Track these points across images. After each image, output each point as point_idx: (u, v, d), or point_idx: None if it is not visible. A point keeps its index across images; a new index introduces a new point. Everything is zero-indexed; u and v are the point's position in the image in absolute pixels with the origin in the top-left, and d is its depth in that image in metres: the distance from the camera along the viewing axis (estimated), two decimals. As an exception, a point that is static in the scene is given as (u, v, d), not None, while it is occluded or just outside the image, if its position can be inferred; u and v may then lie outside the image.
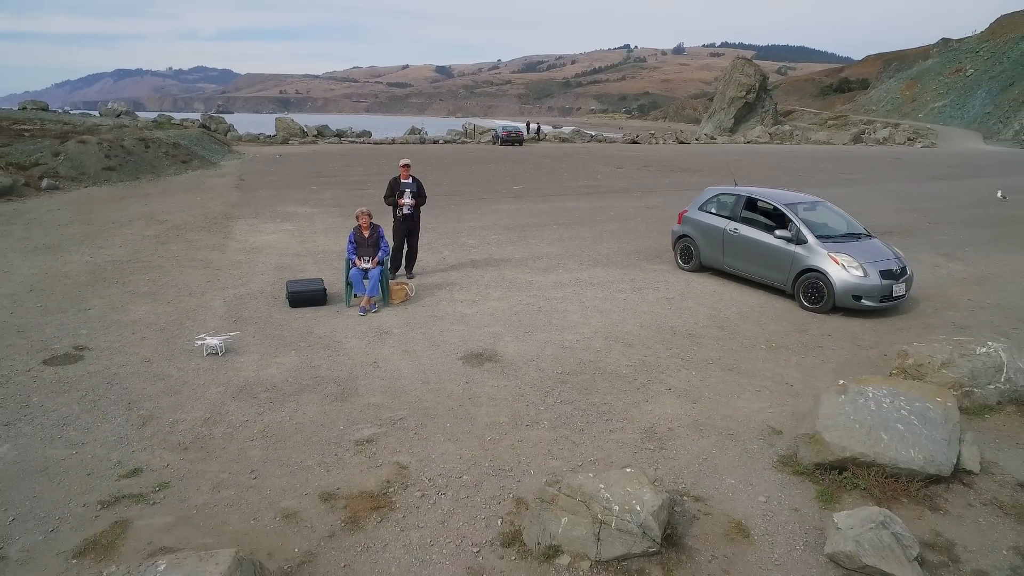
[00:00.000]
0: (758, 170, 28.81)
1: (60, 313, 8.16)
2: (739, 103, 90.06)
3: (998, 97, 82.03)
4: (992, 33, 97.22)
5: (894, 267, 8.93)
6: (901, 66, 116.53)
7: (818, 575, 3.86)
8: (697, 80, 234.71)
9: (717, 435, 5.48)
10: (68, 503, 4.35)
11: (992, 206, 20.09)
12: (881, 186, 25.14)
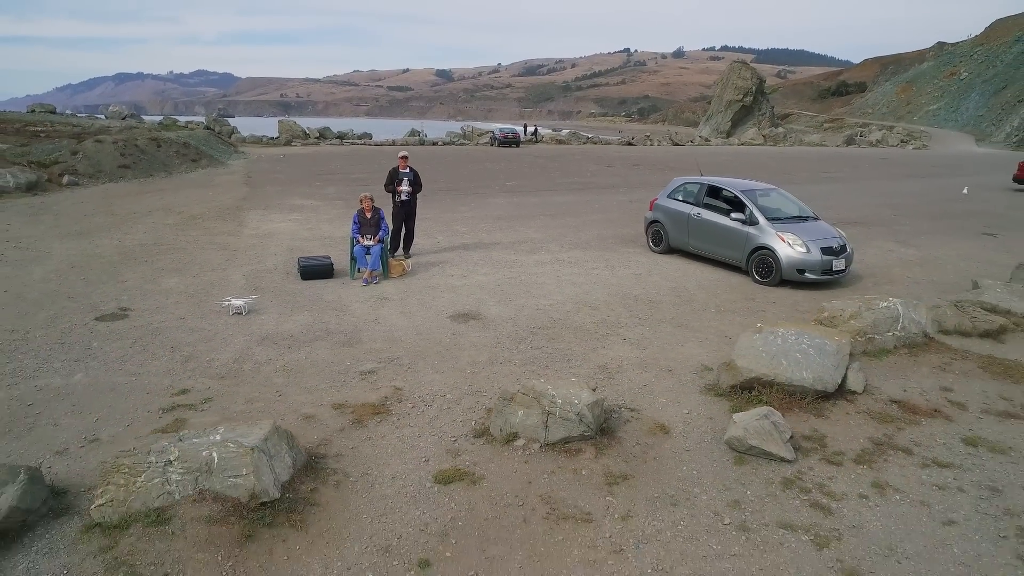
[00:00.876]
0: (746, 169, 30.01)
1: (101, 284, 9.38)
2: (736, 106, 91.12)
3: (991, 100, 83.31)
4: (986, 37, 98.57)
5: (834, 245, 10.14)
6: (897, 69, 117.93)
7: (717, 457, 5.06)
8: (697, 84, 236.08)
9: (658, 370, 6.69)
10: (136, 410, 5.56)
11: (957, 201, 21.31)
12: (860, 184, 26.37)
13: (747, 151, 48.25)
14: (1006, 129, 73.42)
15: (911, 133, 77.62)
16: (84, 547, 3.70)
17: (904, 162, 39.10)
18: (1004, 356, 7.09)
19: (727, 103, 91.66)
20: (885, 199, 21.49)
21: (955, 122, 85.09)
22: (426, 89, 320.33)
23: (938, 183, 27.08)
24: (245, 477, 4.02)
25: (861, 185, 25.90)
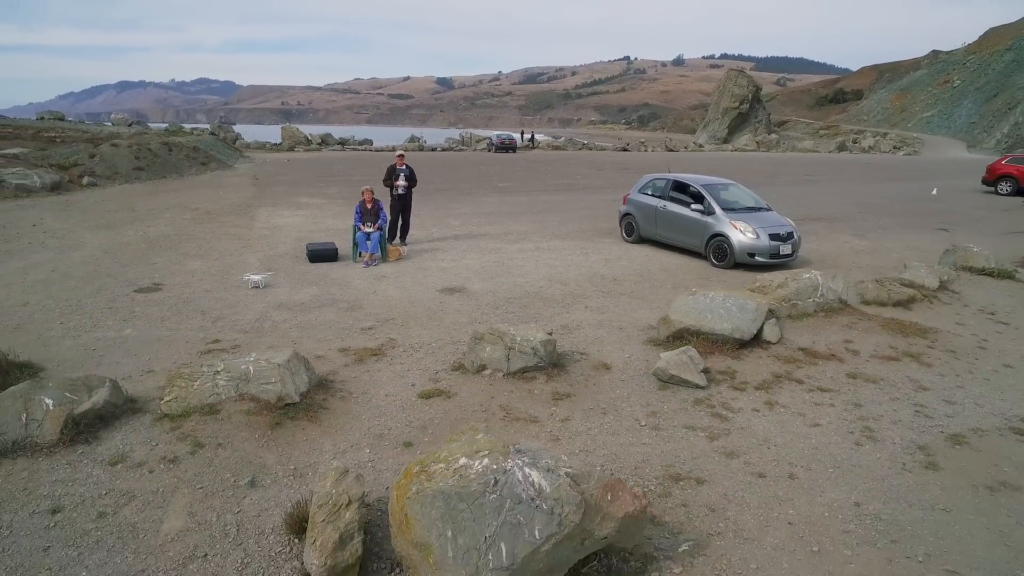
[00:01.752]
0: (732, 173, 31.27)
1: (134, 266, 10.73)
2: (733, 113, 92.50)
3: (983, 107, 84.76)
4: (979, 46, 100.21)
5: (782, 232, 11.48)
6: (893, 77, 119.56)
7: (645, 384, 6.37)
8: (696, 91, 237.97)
9: (610, 328, 8.01)
10: (179, 353, 6.88)
11: (925, 201, 22.65)
12: (838, 186, 27.75)
13: (738, 156, 49.69)
14: (996, 136, 74.76)
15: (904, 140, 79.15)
16: (159, 428, 5.02)
17: (888, 167, 40.50)
18: (904, 319, 8.41)
19: (724, 110, 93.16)
20: (856, 199, 22.84)
21: (948, 129, 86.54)
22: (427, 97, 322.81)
23: (914, 185, 28.43)
24: (274, 385, 5.35)
25: (839, 187, 27.27)
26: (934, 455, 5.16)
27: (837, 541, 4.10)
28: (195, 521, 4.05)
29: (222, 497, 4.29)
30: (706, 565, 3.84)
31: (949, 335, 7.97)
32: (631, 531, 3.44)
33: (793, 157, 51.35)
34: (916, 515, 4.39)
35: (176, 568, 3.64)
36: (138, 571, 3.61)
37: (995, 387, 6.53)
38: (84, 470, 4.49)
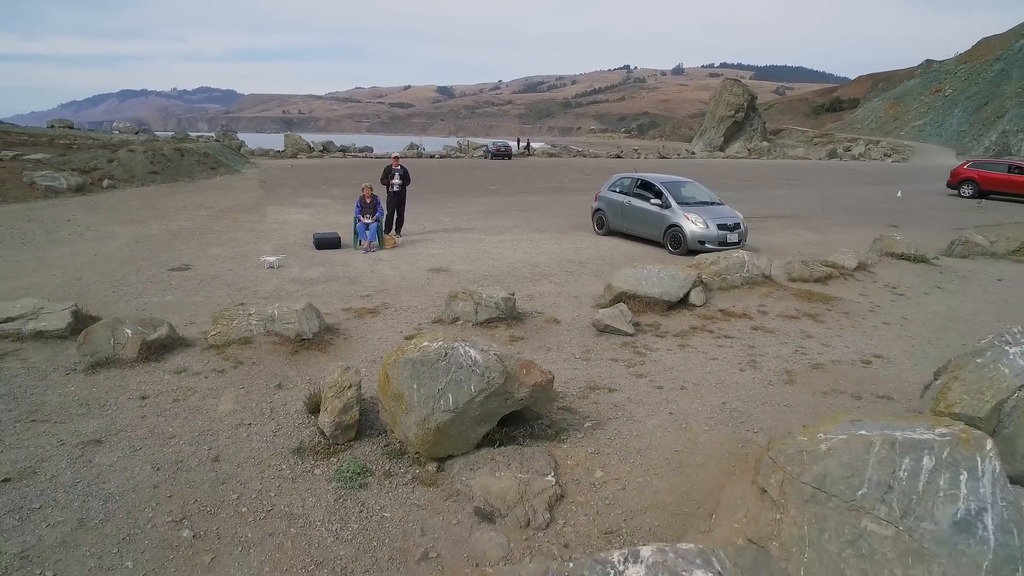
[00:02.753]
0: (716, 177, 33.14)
1: (163, 252, 12.44)
2: (728, 122, 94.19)
3: (973, 116, 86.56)
4: (969, 55, 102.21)
5: (729, 223, 13.19)
6: (888, 86, 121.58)
7: (585, 332, 8.05)
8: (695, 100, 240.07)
9: (567, 296, 9.70)
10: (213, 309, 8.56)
11: (889, 202, 24.38)
12: (813, 189, 29.49)
13: (727, 163, 51.51)
14: (984, 143, 76.55)
15: (895, 147, 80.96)
16: (207, 353, 6.72)
17: (869, 172, 42.27)
18: (816, 291, 10.10)
19: (720, 119, 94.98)
20: (824, 200, 24.57)
21: (940, 137, 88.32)
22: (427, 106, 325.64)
23: (886, 189, 30.17)
24: (293, 324, 7.04)
25: (813, 190, 29.01)
26: (795, 376, 6.84)
27: (701, 422, 5.76)
28: (240, 406, 5.72)
29: (258, 393, 5.97)
30: (602, 433, 5.50)
31: (848, 302, 9.66)
32: (541, 398, 5.11)
33: (781, 164, 53.17)
34: (765, 409, 6.06)
35: (231, 430, 5.31)
36: (206, 431, 5.28)
37: (867, 336, 8.21)
38: (158, 376, 6.18)
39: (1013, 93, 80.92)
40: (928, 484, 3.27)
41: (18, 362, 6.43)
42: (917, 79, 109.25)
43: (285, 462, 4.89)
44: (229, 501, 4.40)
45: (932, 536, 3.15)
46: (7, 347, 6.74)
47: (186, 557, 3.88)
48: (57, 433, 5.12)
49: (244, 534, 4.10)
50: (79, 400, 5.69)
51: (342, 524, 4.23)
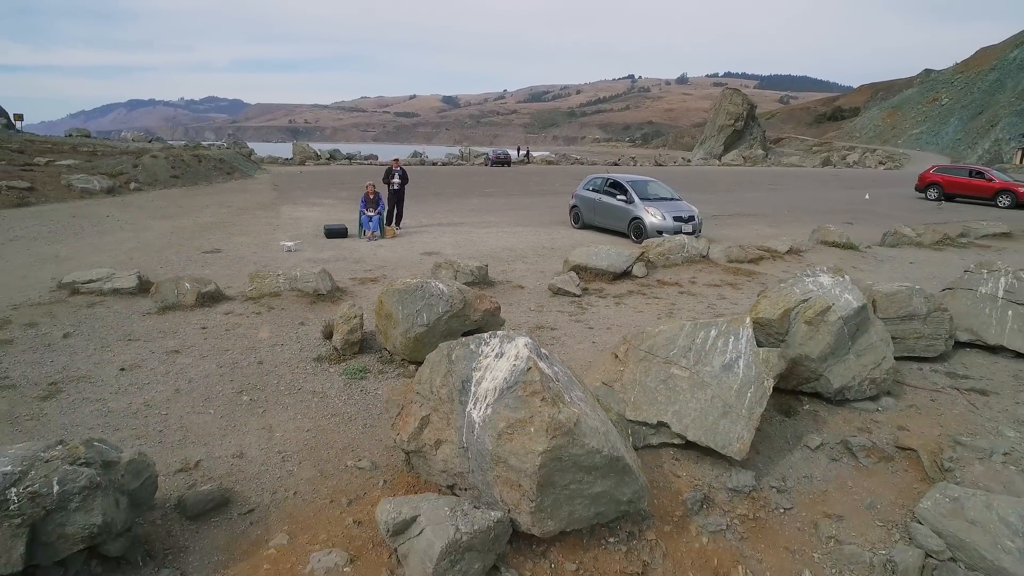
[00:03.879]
0: (703, 183, 35.34)
1: (195, 240, 14.61)
2: (728, 130, 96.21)
3: (968, 124, 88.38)
4: (966, 65, 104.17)
5: (684, 215, 15.28)
6: (887, 95, 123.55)
7: (542, 295, 10.13)
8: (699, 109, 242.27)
9: (534, 271, 11.80)
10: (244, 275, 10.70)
11: (856, 203, 26.42)
12: (790, 192, 31.54)
13: (720, 170, 53.63)
14: (978, 151, 78.39)
15: (891, 155, 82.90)
16: (246, 303, 8.85)
17: (854, 178, 44.29)
18: (745, 268, 12.16)
19: (719, 128, 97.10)
20: (796, 201, 26.63)
21: (936, 145, 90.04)
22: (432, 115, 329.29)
23: (860, 192, 32.19)
24: (311, 283, 9.17)
25: (790, 193, 31.07)
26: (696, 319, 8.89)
27: (612, 345, 7.82)
28: (274, 334, 7.84)
29: (286, 327, 8.09)
30: (539, 353, 7.57)
31: (769, 276, 11.72)
32: (491, 321, 7.20)
33: (772, 171, 55.26)
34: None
35: (269, 347, 7.41)
36: (251, 348, 7.38)
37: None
38: (211, 315, 8.31)
39: (1007, 102, 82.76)
40: (711, 345, 5.36)
41: (105, 308, 8.58)
42: (914, 88, 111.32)
43: (309, 365, 7.00)
44: (271, 383, 6.51)
45: (709, 374, 5.23)
46: (94, 299, 8.89)
47: (246, 410, 5.98)
48: (148, 347, 7.25)
49: (283, 400, 6.20)
50: (158, 329, 7.82)
51: (348, 396, 6.32)
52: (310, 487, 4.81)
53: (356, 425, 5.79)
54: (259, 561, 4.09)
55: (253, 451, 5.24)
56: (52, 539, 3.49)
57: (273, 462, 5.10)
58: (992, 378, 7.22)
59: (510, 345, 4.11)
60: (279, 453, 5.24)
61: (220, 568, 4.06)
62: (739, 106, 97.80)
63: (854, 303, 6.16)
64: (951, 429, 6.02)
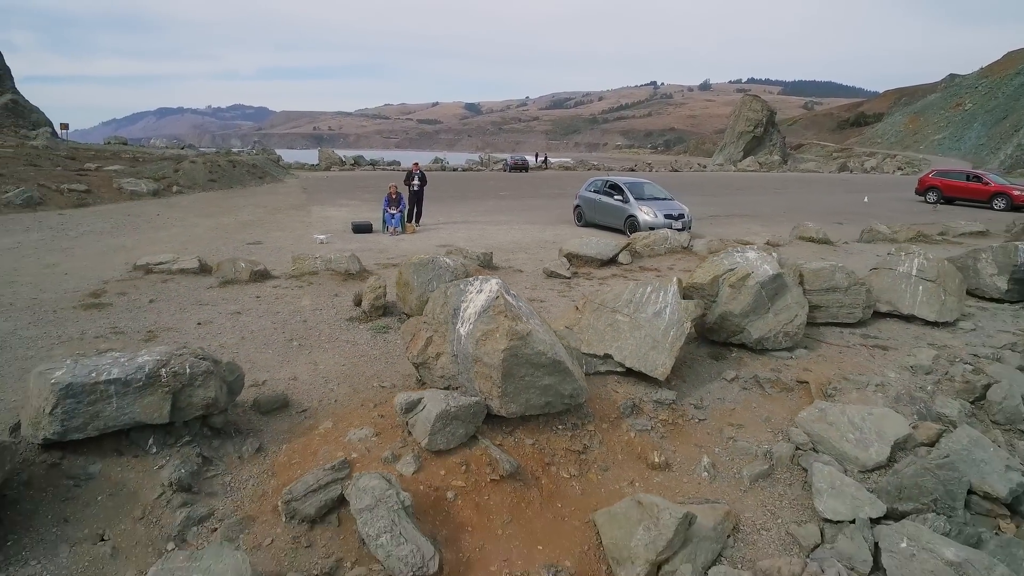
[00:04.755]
0: (718, 187, 36.87)
1: (238, 234, 16.66)
2: (747, 137, 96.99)
3: (992, 130, 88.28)
4: (991, 69, 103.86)
5: (674, 213, 16.98)
6: (910, 100, 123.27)
7: (538, 277, 11.93)
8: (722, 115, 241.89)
9: (535, 260, 13.60)
10: (285, 260, 12.65)
11: (855, 206, 27.82)
12: (792, 196, 32.98)
13: (734, 175, 54.98)
14: (1000, 156, 78.53)
15: (910, 161, 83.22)
16: (290, 280, 10.79)
17: (864, 183, 45.43)
18: (720, 257, 13.82)
19: (739, 134, 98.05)
20: (796, 204, 28.10)
21: (958, 151, 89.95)
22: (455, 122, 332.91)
23: (862, 196, 33.50)
24: (343, 265, 11.08)
25: (792, 197, 32.51)
26: (666, 298, 10.61)
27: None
28: (314, 302, 9.74)
29: (324, 297, 9.99)
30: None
31: (740, 265, 13.35)
32: (488, 290, 9.03)
33: (785, 176, 56.46)
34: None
35: (310, 311, 9.31)
36: (296, 311, 9.28)
37: (735, 281, 11.93)
38: (263, 288, 10.26)
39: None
40: (647, 298, 7.13)
41: (176, 284, 10.57)
42: (939, 93, 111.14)
43: (343, 323, 8.88)
44: (314, 335, 8.39)
45: (644, 319, 6.99)
46: (166, 277, 10.89)
47: (296, 351, 7.85)
48: (215, 309, 9.20)
49: (324, 345, 8.08)
50: (221, 297, 9.78)
51: (374, 344, 8.18)
52: (346, 397, 6.66)
53: (380, 363, 7.63)
54: (313, 436, 5.95)
55: (303, 376, 7.12)
56: (184, 405, 5.38)
57: (318, 383, 6.97)
58: (897, 339, 8.88)
59: (487, 284, 5.93)
60: (323, 378, 7.10)
61: (286, 441, 5.92)
62: (759, 112, 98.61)
63: (770, 272, 7.88)
64: (845, 371, 7.71)
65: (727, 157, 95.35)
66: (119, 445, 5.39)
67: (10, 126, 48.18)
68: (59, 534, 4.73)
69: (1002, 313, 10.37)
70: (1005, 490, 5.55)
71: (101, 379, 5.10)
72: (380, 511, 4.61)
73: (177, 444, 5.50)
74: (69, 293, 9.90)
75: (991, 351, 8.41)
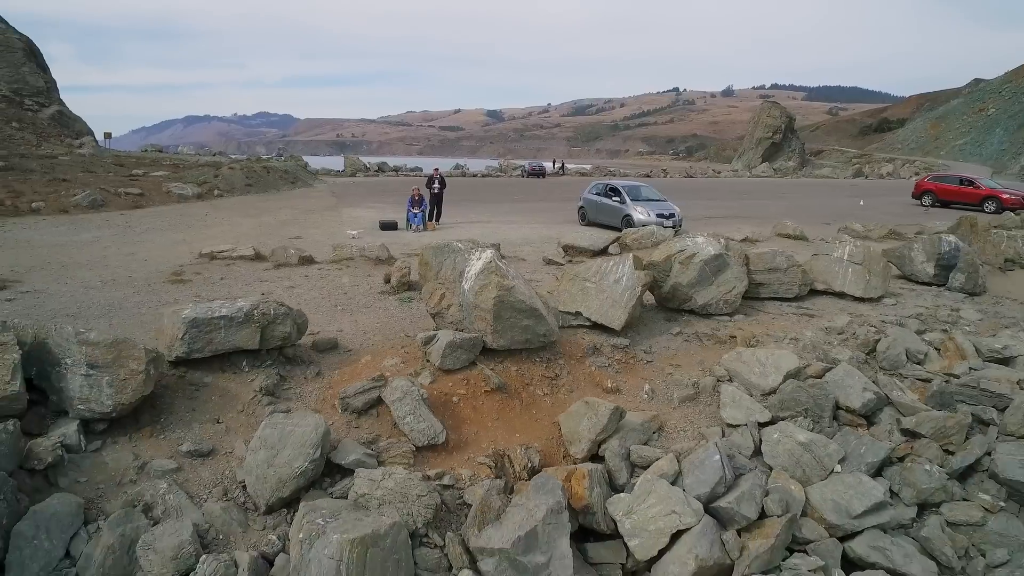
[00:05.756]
0: (722, 192, 38.81)
1: (280, 230, 19.13)
2: (766, 143, 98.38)
3: (1014, 135, 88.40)
4: (1016, 75, 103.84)
5: (666, 212, 19.11)
6: (933, 106, 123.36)
7: (538, 264, 14.17)
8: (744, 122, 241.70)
9: (537, 252, 15.82)
10: (326, 247, 15.03)
11: (851, 208, 29.66)
12: (794, 200, 34.83)
13: (744, 181, 56.77)
14: (1021, 162, 79.02)
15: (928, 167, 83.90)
16: (331, 264, 13.17)
17: (868, 188, 47.00)
18: (699, 250, 15.93)
19: (757, 140, 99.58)
20: (793, 207, 30.00)
21: (979, 156, 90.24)
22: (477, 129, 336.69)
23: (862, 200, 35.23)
24: (375, 253, 13.44)
25: (793, 200, 34.39)
26: (643, 280, 12.79)
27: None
28: (351, 280, 12.07)
29: (360, 277, 12.32)
30: (525, 293, 11.61)
31: (716, 256, 15.44)
32: (492, 269, 11.31)
33: (797, 181, 58.09)
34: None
35: (349, 286, 11.64)
36: (338, 286, 11.62)
37: (706, 268, 14.05)
38: (310, 270, 12.64)
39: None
40: (610, 270, 9.33)
41: (237, 267, 12.98)
42: (961, 99, 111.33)
43: (376, 295, 11.20)
44: (354, 303, 10.71)
45: (607, 284, 9.20)
46: (229, 262, 13.31)
47: (340, 313, 10.17)
48: (273, 284, 11.58)
49: (362, 309, 10.39)
50: (276, 276, 12.16)
51: (401, 309, 10.47)
52: (380, 342, 8.96)
53: (406, 321, 9.93)
54: (357, 365, 8.24)
55: (347, 329, 9.43)
56: (268, 336, 7.70)
57: (359, 333, 9.27)
58: (824, 310, 10.96)
59: (484, 253, 8.22)
60: (362, 330, 9.41)
61: (337, 368, 8.22)
62: (777, 119, 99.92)
63: (712, 252, 10.04)
64: (772, 330, 9.84)
65: (746, 163, 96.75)
66: (223, 364, 7.74)
67: (56, 135, 51.64)
68: (190, 418, 7.07)
69: (926, 293, 12.38)
70: (859, 404, 7.65)
71: (214, 315, 7.44)
72: (406, 400, 6.87)
73: (262, 366, 7.83)
74: (155, 273, 12.35)
75: (898, 319, 10.46)
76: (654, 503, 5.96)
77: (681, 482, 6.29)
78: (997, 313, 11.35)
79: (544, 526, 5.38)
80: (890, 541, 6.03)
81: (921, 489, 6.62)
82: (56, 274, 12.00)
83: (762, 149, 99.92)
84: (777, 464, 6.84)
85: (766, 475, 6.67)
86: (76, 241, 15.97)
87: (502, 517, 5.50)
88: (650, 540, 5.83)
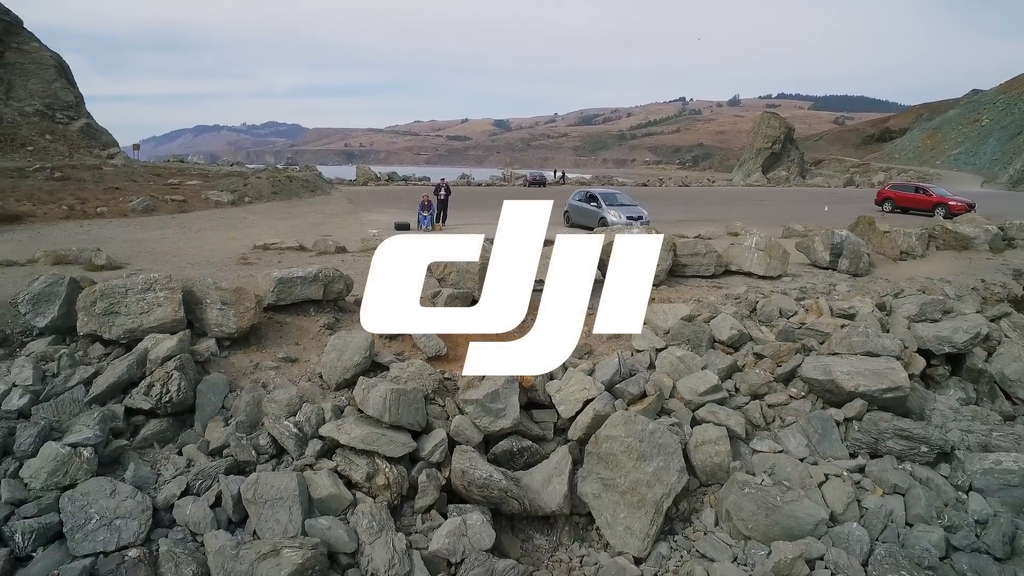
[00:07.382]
0: (709, 199, 42.62)
1: (311, 230, 23.09)
2: (765, 153, 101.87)
3: (1006, 145, 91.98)
4: (1010, 86, 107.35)
5: (635, 215, 22.97)
6: (932, 116, 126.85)
7: (523, 255, 18.05)
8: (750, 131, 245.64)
9: (524, 246, 19.71)
10: (356, 239, 18.96)
11: (815, 214, 33.46)
12: (768, 206, 38.65)
13: (733, 190, 60.58)
14: (1009, 171, 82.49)
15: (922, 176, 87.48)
16: (358, 252, 17.08)
17: (848, 196, 50.77)
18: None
19: (757, 150, 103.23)
20: (762, 212, 33.81)
21: (973, 166, 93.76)
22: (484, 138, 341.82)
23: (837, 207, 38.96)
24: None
25: (767, 207, 38.21)
26: (602, 264, 16.68)
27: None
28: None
29: (383, 262, 16.24)
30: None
31: (669, 249, 19.28)
32: (483, 254, 15.22)
33: (784, 190, 61.87)
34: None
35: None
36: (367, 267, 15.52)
37: (656, 257, 17.91)
38: (344, 257, 16.60)
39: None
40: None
41: (287, 255, 16.90)
42: (957, 109, 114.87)
43: (396, 273, 15.09)
44: (380, 278, 14.61)
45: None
46: (279, 251, 17.26)
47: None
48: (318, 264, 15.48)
49: (386, 282, 14.28)
50: (320, 260, 16.06)
51: (415, 282, 14.35)
52: (402, 301, 12.83)
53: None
54: (387, 314, 12.14)
55: (377, 293, 13.31)
56: (328, 291, 11.64)
57: (386, 296, 13.14)
58: (732, 284, 14.78)
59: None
60: (388, 294, 13.28)
61: (373, 316, 12.11)
62: (776, 129, 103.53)
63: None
64: (684, 296, 13.65)
65: (745, 173, 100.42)
66: (297, 311, 11.65)
67: (85, 147, 56.10)
68: (280, 341, 10.99)
69: (821, 274, 16.18)
70: (726, 336, 11.46)
71: (293, 276, 11.37)
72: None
73: (324, 312, 11.74)
74: (224, 258, 16.32)
75: (784, 290, 14.27)
76: (574, 384, 9.79)
77: (594, 376, 10.11)
78: (864, 288, 15.11)
79: (503, 388, 9.22)
80: (720, 409, 9.80)
81: (751, 384, 10.40)
82: (152, 259, 15.98)
83: (761, 159, 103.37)
84: (662, 370, 10.64)
85: (652, 374, 10.49)
86: (148, 237, 20.00)
87: (478, 386, 9.35)
88: (571, 406, 9.65)
